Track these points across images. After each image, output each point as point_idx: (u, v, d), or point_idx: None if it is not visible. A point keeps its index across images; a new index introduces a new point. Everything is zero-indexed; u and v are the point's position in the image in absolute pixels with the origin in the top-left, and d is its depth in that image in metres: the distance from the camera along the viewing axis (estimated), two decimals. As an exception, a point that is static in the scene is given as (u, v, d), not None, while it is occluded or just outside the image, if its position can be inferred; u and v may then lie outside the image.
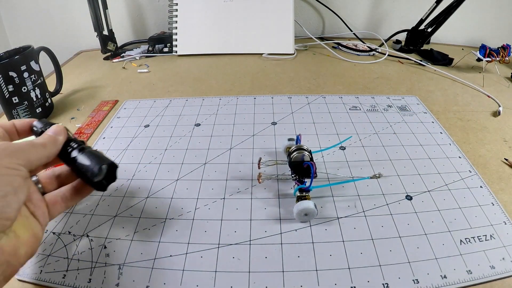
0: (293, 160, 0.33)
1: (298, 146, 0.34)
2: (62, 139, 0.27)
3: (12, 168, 0.22)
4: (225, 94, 0.54)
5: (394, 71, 0.63)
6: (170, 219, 0.31)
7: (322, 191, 0.34)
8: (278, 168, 0.37)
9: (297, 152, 0.33)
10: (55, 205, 0.27)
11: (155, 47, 0.75)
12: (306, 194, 0.30)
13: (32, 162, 0.24)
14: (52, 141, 0.26)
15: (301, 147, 0.33)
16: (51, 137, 0.26)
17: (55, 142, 0.27)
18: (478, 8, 0.77)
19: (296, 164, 0.32)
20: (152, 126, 0.46)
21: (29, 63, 0.45)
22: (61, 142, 0.27)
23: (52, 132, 0.27)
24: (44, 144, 0.26)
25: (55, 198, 0.27)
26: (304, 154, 0.33)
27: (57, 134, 0.27)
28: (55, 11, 0.81)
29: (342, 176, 0.35)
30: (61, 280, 0.26)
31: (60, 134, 0.27)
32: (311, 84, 0.58)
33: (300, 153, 0.33)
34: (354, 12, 0.83)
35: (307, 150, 0.33)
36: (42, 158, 0.25)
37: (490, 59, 0.60)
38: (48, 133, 0.27)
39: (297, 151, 0.33)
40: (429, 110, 0.48)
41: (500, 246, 0.28)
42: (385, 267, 0.26)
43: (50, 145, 0.26)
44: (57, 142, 0.27)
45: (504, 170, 0.37)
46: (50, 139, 0.26)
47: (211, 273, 0.26)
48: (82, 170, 0.26)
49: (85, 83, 0.62)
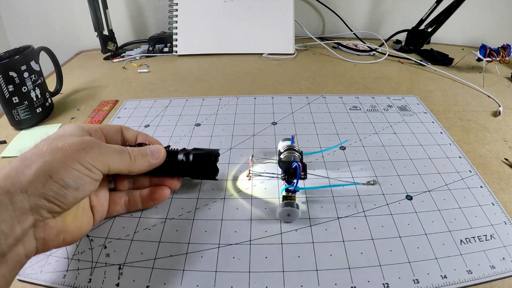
0: (282, 160, 0.33)
1: (290, 146, 0.34)
2: (157, 163, 0.28)
3: (87, 168, 0.22)
4: (225, 94, 0.54)
5: (394, 71, 0.63)
6: (170, 219, 0.31)
7: (322, 191, 0.34)
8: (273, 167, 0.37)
9: (287, 152, 0.33)
10: (116, 206, 0.28)
11: (155, 47, 0.75)
12: (292, 195, 0.30)
13: (112, 169, 0.24)
14: (145, 161, 0.27)
15: (293, 147, 0.33)
16: (146, 158, 0.27)
17: (148, 163, 0.27)
18: (478, 8, 0.77)
19: (285, 164, 0.32)
20: (152, 126, 0.46)
21: (29, 63, 0.45)
22: (153, 165, 0.27)
23: (151, 154, 0.27)
24: (134, 159, 0.26)
25: (119, 200, 0.28)
26: (294, 155, 0.33)
27: (155, 157, 0.28)
28: (55, 11, 0.81)
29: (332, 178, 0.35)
30: (61, 280, 0.26)
31: (156, 159, 0.28)
32: (311, 84, 0.58)
33: (291, 153, 0.33)
34: (354, 12, 0.83)
35: (298, 151, 0.33)
36: (124, 170, 0.26)
37: (490, 59, 0.60)
38: (147, 152, 0.27)
39: (288, 151, 0.33)
40: (429, 110, 0.48)
41: (500, 246, 0.28)
42: (385, 267, 0.26)
43: (140, 164, 0.26)
44: (150, 164, 0.27)
45: (504, 170, 0.37)
46: (144, 158, 0.27)
47: (211, 273, 0.26)
48: (198, 164, 0.30)
49: (85, 83, 0.62)
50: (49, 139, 0.24)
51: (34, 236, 0.21)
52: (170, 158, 0.30)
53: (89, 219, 0.25)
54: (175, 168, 0.30)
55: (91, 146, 0.23)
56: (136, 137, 0.31)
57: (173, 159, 0.30)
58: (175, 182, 0.31)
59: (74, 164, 0.22)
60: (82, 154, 0.22)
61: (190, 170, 0.31)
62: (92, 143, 0.24)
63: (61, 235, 0.22)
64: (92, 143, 0.24)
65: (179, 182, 0.32)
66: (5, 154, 0.42)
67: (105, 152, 0.24)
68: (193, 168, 0.30)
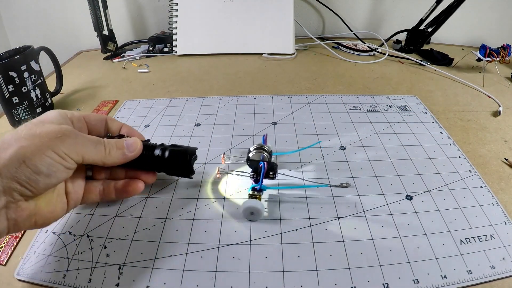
0: (250, 159, 0.33)
1: (260, 145, 0.34)
2: (132, 156, 0.28)
3: (61, 156, 0.23)
4: (225, 94, 0.54)
5: (394, 71, 0.63)
6: (170, 219, 0.31)
7: (323, 191, 0.34)
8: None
9: (256, 151, 0.33)
10: (91, 194, 0.29)
11: (155, 47, 0.75)
12: (258, 194, 0.31)
13: (86, 160, 0.25)
14: (120, 154, 0.27)
15: (262, 147, 0.34)
16: (121, 151, 0.27)
17: (122, 156, 0.27)
18: (478, 8, 0.77)
19: (253, 163, 0.33)
20: (152, 126, 0.46)
21: (29, 63, 0.45)
22: (128, 158, 0.28)
23: (127, 147, 0.28)
24: (109, 151, 0.26)
25: (94, 189, 0.29)
26: (263, 154, 0.33)
27: (130, 151, 0.28)
28: (55, 11, 0.81)
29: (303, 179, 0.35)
30: (61, 280, 0.26)
31: (131, 152, 0.28)
32: (311, 84, 0.58)
33: (259, 152, 0.33)
34: (354, 12, 0.83)
35: (267, 151, 0.34)
36: (98, 161, 0.26)
37: (490, 59, 0.60)
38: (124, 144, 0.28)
39: (257, 150, 0.33)
40: (429, 110, 0.48)
41: (500, 246, 0.28)
42: (385, 267, 0.26)
43: (115, 156, 0.27)
44: (125, 157, 0.28)
45: (504, 170, 0.37)
46: (119, 151, 0.27)
47: (211, 273, 0.26)
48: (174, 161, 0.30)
49: (85, 83, 0.62)
50: (30, 124, 0.24)
51: (6, 217, 0.21)
52: (146, 153, 0.30)
53: (63, 205, 0.26)
54: (151, 163, 0.30)
55: (67, 136, 0.24)
56: (120, 129, 0.32)
57: (149, 154, 0.30)
58: (150, 176, 0.31)
59: (48, 152, 0.22)
60: (57, 143, 0.23)
61: (166, 166, 0.31)
62: (68, 132, 0.24)
63: (33, 218, 0.23)
64: (68, 133, 0.24)
65: (154, 177, 0.32)
66: (5, 154, 0.42)
67: (80, 142, 0.25)
68: (168, 164, 0.30)
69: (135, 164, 0.29)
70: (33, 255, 0.28)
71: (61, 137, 0.23)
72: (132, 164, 0.29)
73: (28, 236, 0.30)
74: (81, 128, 0.29)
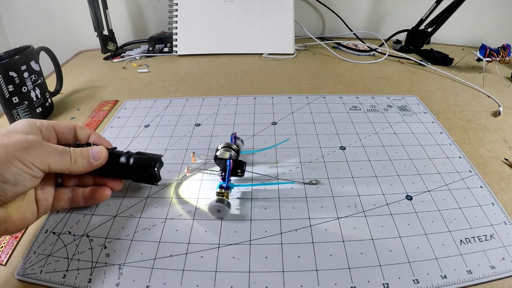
0: (218, 158, 0.33)
1: (227, 144, 0.34)
2: (98, 164, 0.29)
3: (27, 166, 0.24)
4: (225, 94, 0.54)
5: (394, 71, 0.63)
6: (170, 219, 0.31)
7: (322, 190, 0.34)
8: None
9: (223, 149, 0.34)
10: (60, 201, 0.29)
11: (155, 47, 0.75)
12: (225, 192, 0.31)
13: (52, 169, 0.26)
14: (86, 162, 0.28)
15: (230, 145, 0.34)
16: (87, 159, 0.28)
17: (88, 165, 0.28)
18: (478, 8, 0.77)
19: (220, 161, 0.33)
20: (152, 126, 0.46)
21: (29, 63, 0.45)
22: (93, 166, 0.29)
23: (92, 155, 0.28)
24: (75, 160, 0.27)
25: (63, 196, 0.30)
26: (231, 153, 0.33)
27: (96, 159, 0.29)
28: (55, 11, 0.81)
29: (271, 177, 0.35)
30: (61, 280, 0.26)
31: (97, 160, 0.29)
32: (311, 84, 0.58)
33: (227, 151, 0.34)
34: (354, 12, 0.83)
35: (234, 149, 0.34)
36: (65, 170, 0.27)
37: (490, 59, 0.60)
38: (89, 153, 0.28)
39: (224, 148, 0.34)
40: (429, 110, 0.48)
41: (500, 246, 0.28)
42: (385, 267, 0.26)
43: (81, 165, 0.28)
44: (90, 165, 0.28)
45: (504, 170, 0.37)
46: (84, 160, 0.28)
47: (211, 273, 0.26)
48: (138, 168, 0.30)
49: (85, 83, 0.62)
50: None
51: None
52: (112, 160, 0.30)
53: (33, 212, 0.27)
54: (117, 170, 0.31)
55: (33, 146, 0.24)
56: (88, 137, 0.33)
57: (115, 161, 0.30)
58: (116, 183, 0.32)
59: (15, 162, 0.23)
60: (23, 153, 0.24)
61: (131, 173, 0.31)
62: (34, 142, 0.25)
63: (3, 225, 0.24)
64: (34, 143, 0.25)
65: (120, 184, 0.32)
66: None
67: (46, 152, 0.25)
68: (133, 171, 0.31)
69: (102, 171, 0.30)
70: (33, 255, 0.28)
71: (27, 147, 0.24)
72: (99, 172, 0.30)
73: (28, 236, 0.30)
74: (50, 137, 0.30)
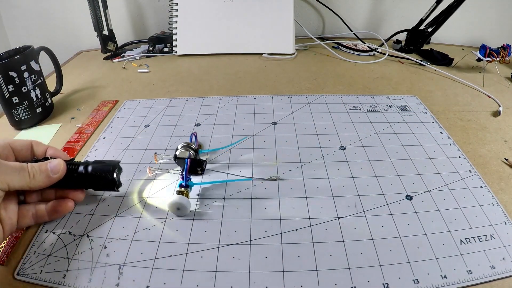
0: (177, 157, 0.34)
1: (186, 143, 0.35)
2: (57, 177, 0.29)
3: None
4: (225, 94, 0.54)
5: (394, 71, 0.63)
6: (170, 219, 0.31)
7: (322, 190, 0.34)
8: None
9: (183, 148, 0.34)
10: (25, 218, 0.29)
11: (155, 47, 0.75)
12: (185, 190, 0.31)
13: (12, 187, 0.26)
14: (45, 177, 0.28)
15: (189, 145, 0.35)
16: (45, 174, 0.28)
17: (47, 179, 0.28)
18: (478, 8, 0.77)
19: (179, 160, 0.34)
20: (152, 126, 0.46)
21: (29, 63, 0.45)
22: (52, 180, 0.28)
23: (50, 169, 0.28)
24: (33, 176, 0.27)
25: (27, 213, 0.29)
26: (190, 152, 0.34)
27: (54, 172, 0.28)
28: (55, 11, 0.81)
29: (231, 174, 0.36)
30: (61, 280, 0.26)
31: (56, 173, 0.28)
32: (311, 84, 0.58)
33: (186, 150, 0.34)
34: (354, 12, 0.83)
35: (193, 149, 0.35)
36: (25, 186, 0.27)
37: (490, 59, 0.60)
38: (47, 167, 0.28)
39: (183, 147, 0.35)
40: (429, 110, 0.48)
41: (500, 246, 0.28)
42: (385, 267, 0.26)
43: (40, 180, 0.27)
44: (50, 179, 0.28)
45: (504, 170, 0.37)
46: (43, 174, 0.28)
47: (211, 273, 0.26)
48: (97, 175, 0.30)
49: (85, 83, 0.62)
50: None
51: None
52: (71, 172, 0.30)
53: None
54: (77, 181, 0.31)
55: None
56: (45, 151, 0.32)
57: (74, 172, 0.30)
58: (78, 194, 0.31)
59: None
60: None
61: (91, 181, 0.31)
62: None
63: None
64: None
65: (82, 194, 0.32)
66: (5, 154, 0.42)
67: (4, 171, 0.25)
68: (93, 179, 0.31)
69: (62, 184, 0.30)
70: (33, 255, 0.28)
71: None
72: (60, 184, 0.29)
73: (28, 236, 0.30)
74: (7, 155, 0.29)
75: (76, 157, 0.41)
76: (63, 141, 0.44)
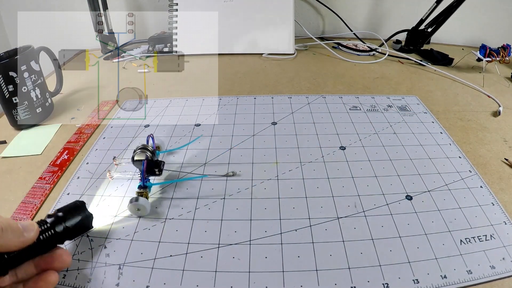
0: (135, 160, 0.34)
1: (143, 145, 0.35)
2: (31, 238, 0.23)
3: None
4: (225, 94, 0.54)
5: (394, 71, 0.63)
6: (170, 219, 0.31)
7: (322, 190, 0.34)
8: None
9: (140, 151, 0.35)
10: None
11: (155, 47, 0.75)
12: (143, 191, 0.32)
13: None
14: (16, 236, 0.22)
15: (146, 147, 0.35)
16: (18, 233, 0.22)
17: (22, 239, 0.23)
18: (478, 8, 0.77)
19: (136, 162, 0.34)
20: (152, 126, 0.46)
21: (29, 63, 0.45)
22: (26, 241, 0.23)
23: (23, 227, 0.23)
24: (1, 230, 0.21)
25: None
26: (146, 154, 0.34)
27: (28, 231, 0.23)
28: (55, 11, 0.81)
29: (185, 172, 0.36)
30: (61, 280, 0.26)
31: (30, 232, 0.23)
32: (311, 84, 0.58)
33: (143, 152, 0.34)
34: (354, 12, 0.83)
35: (150, 150, 0.35)
36: None
37: (490, 59, 0.60)
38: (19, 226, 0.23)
39: (140, 150, 0.35)
40: (429, 110, 0.48)
41: (500, 246, 0.28)
42: (385, 267, 0.26)
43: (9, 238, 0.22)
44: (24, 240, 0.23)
45: (504, 170, 0.37)
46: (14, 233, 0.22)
47: (211, 273, 0.26)
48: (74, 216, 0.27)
49: (85, 83, 0.62)
50: None
51: None
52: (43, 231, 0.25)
53: None
54: (52, 236, 0.25)
55: None
56: None
57: (45, 227, 0.25)
58: (63, 258, 0.25)
59: None
60: None
61: (70, 227, 0.26)
62: None
63: None
64: None
65: (68, 257, 0.26)
66: (5, 154, 0.42)
67: None
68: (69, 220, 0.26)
69: (36, 249, 0.24)
70: (33, 255, 0.28)
71: None
72: (33, 251, 0.24)
73: (28, 236, 0.30)
74: None
75: (75, 157, 0.41)
76: (63, 141, 0.44)
